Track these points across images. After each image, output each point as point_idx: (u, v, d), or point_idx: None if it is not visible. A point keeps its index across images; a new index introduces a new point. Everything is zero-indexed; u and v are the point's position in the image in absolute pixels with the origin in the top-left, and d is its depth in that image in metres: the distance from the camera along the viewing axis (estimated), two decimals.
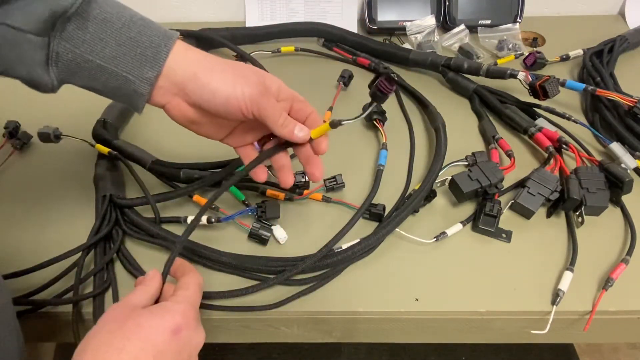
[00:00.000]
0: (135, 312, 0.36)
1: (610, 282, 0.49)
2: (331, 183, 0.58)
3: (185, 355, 0.37)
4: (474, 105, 0.71)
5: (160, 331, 0.36)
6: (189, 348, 0.37)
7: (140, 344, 0.35)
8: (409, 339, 0.54)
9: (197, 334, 0.39)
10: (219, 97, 0.41)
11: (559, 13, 0.93)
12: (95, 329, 0.36)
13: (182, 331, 0.37)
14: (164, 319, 0.36)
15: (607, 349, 1.13)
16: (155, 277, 0.41)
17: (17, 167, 0.63)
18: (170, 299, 0.39)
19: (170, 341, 0.36)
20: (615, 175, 0.56)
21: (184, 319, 0.37)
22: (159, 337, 0.35)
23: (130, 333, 0.35)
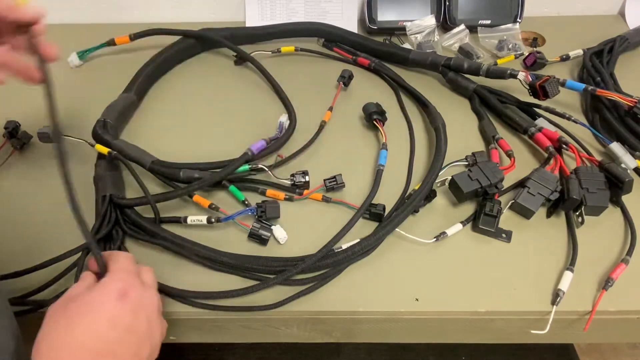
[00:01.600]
0: (74, 298, 0.37)
1: (610, 282, 0.49)
2: (331, 183, 0.58)
3: (143, 316, 0.37)
4: (474, 105, 0.71)
5: (105, 300, 0.36)
6: (144, 309, 0.38)
7: (90, 317, 0.35)
8: (409, 339, 0.54)
9: (147, 293, 0.39)
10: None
11: (559, 13, 0.93)
12: (41, 329, 0.36)
13: (128, 293, 0.37)
14: (105, 289, 0.37)
15: (607, 349, 1.13)
16: (87, 273, 0.41)
17: (17, 167, 0.63)
18: (106, 276, 0.39)
19: (121, 305, 0.36)
20: (615, 175, 0.56)
21: (125, 283, 0.37)
22: (107, 305, 0.36)
23: (75, 313, 0.35)
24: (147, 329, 0.38)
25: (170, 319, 0.49)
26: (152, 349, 0.38)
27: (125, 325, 0.36)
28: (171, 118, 0.70)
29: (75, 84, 0.76)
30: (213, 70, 0.79)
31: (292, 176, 0.58)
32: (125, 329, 0.36)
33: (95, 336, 0.34)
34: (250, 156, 0.59)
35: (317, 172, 0.59)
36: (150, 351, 0.38)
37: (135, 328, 0.36)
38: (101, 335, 0.35)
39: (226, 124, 0.69)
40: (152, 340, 0.38)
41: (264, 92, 0.75)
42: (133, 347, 0.36)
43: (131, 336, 0.36)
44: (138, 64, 0.74)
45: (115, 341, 0.35)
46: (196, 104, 0.73)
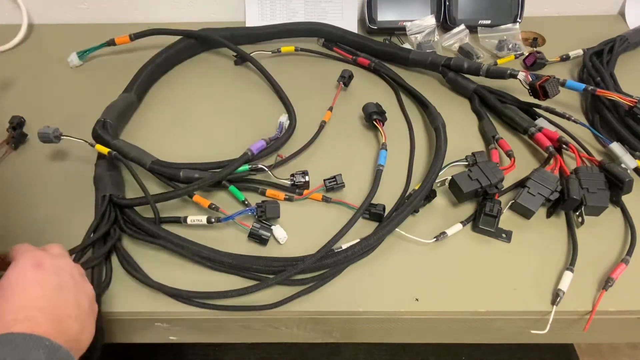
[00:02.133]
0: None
1: (610, 282, 0.49)
2: (331, 183, 0.58)
3: (65, 275, 0.39)
4: (474, 105, 0.71)
5: (24, 271, 0.38)
6: (64, 269, 0.40)
7: (19, 288, 0.37)
8: (409, 339, 0.54)
9: (61, 260, 0.41)
10: None
11: (559, 13, 0.93)
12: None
13: (42, 263, 0.39)
14: (19, 267, 0.38)
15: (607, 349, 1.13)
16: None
17: (16, 167, 0.63)
18: (14, 260, 0.40)
19: (40, 271, 0.38)
20: (615, 175, 0.56)
21: (34, 258, 0.39)
22: (28, 274, 0.38)
23: (3, 293, 0.36)
24: (75, 284, 0.40)
25: (170, 319, 0.50)
26: (90, 300, 0.41)
27: (53, 284, 0.38)
28: (171, 118, 0.70)
29: (75, 84, 0.76)
30: (213, 70, 0.79)
31: (292, 176, 0.58)
32: (54, 287, 0.38)
33: (32, 298, 0.37)
34: (250, 156, 0.59)
35: (317, 172, 0.59)
36: (89, 302, 0.41)
37: (64, 284, 0.39)
38: (38, 296, 0.37)
39: (226, 124, 0.69)
40: (86, 293, 0.41)
41: (264, 92, 0.75)
42: (71, 298, 0.39)
43: (63, 291, 0.38)
44: (138, 64, 0.74)
45: (52, 297, 0.38)
46: (196, 104, 0.73)
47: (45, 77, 0.76)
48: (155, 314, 0.49)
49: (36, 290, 0.37)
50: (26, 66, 0.78)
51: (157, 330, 0.51)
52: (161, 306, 0.49)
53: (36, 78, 0.76)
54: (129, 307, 0.49)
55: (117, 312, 0.49)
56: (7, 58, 0.80)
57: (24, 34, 0.84)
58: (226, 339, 0.53)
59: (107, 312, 0.48)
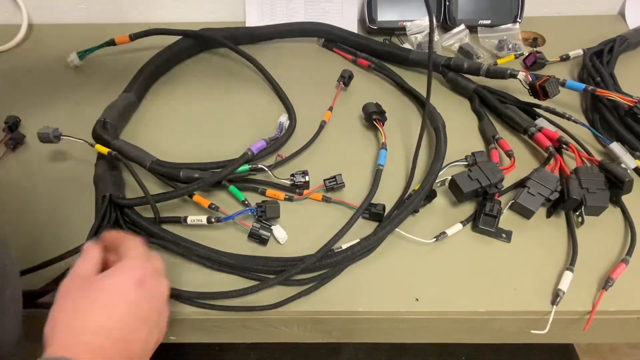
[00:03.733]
0: (91, 280, 0.37)
1: (610, 282, 0.49)
2: (331, 183, 0.58)
3: (156, 304, 0.38)
4: (474, 105, 0.71)
5: (125, 287, 0.36)
6: (157, 297, 0.38)
7: (111, 301, 0.35)
8: (409, 339, 0.54)
9: (160, 282, 0.40)
10: None
11: (559, 13, 0.93)
12: (56, 307, 0.36)
13: (146, 281, 0.37)
14: (125, 275, 0.37)
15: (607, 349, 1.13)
16: (92, 247, 0.40)
17: (15, 167, 0.63)
18: (122, 260, 0.39)
19: (139, 292, 0.37)
20: (615, 175, 0.56)
21: (143, 270, 0.38)
22: (126, 292, 0.36)
23: (96, 296, 0.35)
24: (157, 318, 0.38)
25: (170, 319, 0.49)
26: (159, 337, 0.39)
27: (141, 314, 0.36)
28: (171, 118, 0.70)
29: (75, 84, 0.76)
30: (213, 70, 0.79)
31: (292, 176, 0.58)
32: (141, 317, 0.36)
33: (114, 320, 0.35)
34: (250, 156, 0.59)
35: (317, 172, 0.59)
36: (157, 339, 0.39)
37: (149, 317, 0.37)
38: (120, 320, 0.35)
39: (226, 124, 0.69)
40: (159, 329, 0.39)
41: (264, 92, 0.75)
42: (144, 335, 0.37)
43: (144, 324, 0.37)
44: (138, 64, 0.74)
45: (131, 328, 0.36)
46: (196, 104, 0.73)
47: (45, 77, 0.76)
48: None
49: (123, 314, 0.35)
50: (26, 66, 0.78)
51: None
52: None
53: (36, 78, 0.76)
54: None
55: None
56: (7, 58, 0.80)
57: (24, 34, 0.84)
58: (226, 339, 0.53)
59: None
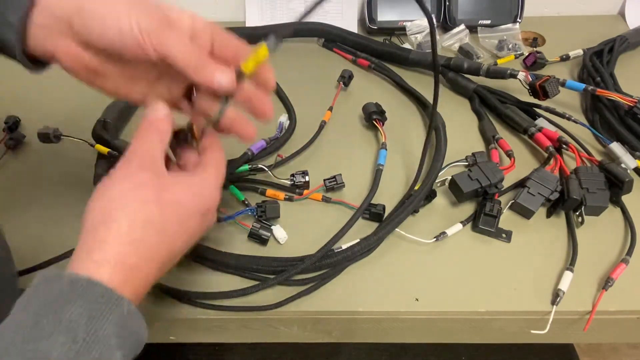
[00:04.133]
0: (166, 181, 0.33)
1: (610, 282, 0.49)
2: (331, 183, 0.58)
3: (203, 230, 0.36)
4: (474, 105, 0.71)
5: (194, 212, 0.34)
6: (207, 225, 0.36)
7: (177, 226, 0.32)
8: (409, 339, 0.54)
9: (215, 213, 0.37)
10: (110, 29, 0.33)
11: (559, 13, 0.93)
12: (119, 190, 0.32)
13: (209, 214, 0.35)
14: (199, 199, 0.34)
15: (607, 349, 1.13)
16: (167, 118, 0.36)
17: (15, 167, 0.63)
18: (205, 175, 0.35)
19: (200, 223, 0.35)
20: (615, 175, 0.56)
21: (213, 203, 0.35)
22: (193, 220, 0.34)
23: (168, 210, 0.32)
24: (195, 239, 0.36)
25: (170, 319, 0.50)
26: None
27: (190, 237, 0.34)
28: None
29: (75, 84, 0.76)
30: None
31: (292, 176, 0.58)
32: (185, 240, 0.34)
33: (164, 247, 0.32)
34: (250, 156, 0.59)
35: (317, 172, 0.59)
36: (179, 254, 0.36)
37: (189, 240, 0.35)
38: (170, 247, 0.33)
39: None
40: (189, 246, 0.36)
41: None
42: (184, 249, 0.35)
43: (189, 243, 0.35)
44: None
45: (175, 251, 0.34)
46: None
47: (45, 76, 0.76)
48: (155, 313, 0.49)
49: (174, 241, 0.32)
50: None
51: (157, 330, 0.51)
52: (161, 306, 0.49)
53: (36, 78, 0.76)
54: None
55: None
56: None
57: None
58: (226, 339, 0.53)
59: None
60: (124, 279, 0.29)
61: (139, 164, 0.33)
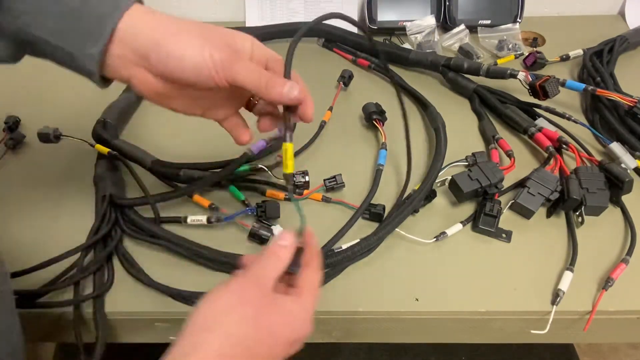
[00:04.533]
0: (268, 302, 0.34)
1: (610, 282, 0.49)
2: (331, 183, 0.58)
3: (290, 352, 0.36)
4: (474, 105, 0.71)
5: (283, 341, 0.34)
6: (289, 355, 0.36)
7: (265, 349, 0.33)
8: (409, 339, 0.54)
9: (302, 344, 0.37)
10: (187, 66, 0.36)
11: (559, 13, 0.93)
12: (226, 301, 0.33)
13: (297, 344, 0.35)
14: (291, 329, 0.34)
15: (607, 349, 1.13)
16: (289, 248, 0.37)
17: (15, 167, 0.63)
18: (300, 302, 0.35)
19: (285, 351, 0.34)
20: (615, 175, 0.56)
21: (303, 334, 0.35)
22: (280, 347, 0.34)
23: (261, 334, 0.33)
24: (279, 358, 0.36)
25: (170, 319, 0.50)
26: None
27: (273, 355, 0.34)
28: (171, 118, 0.70)
29: (75, 84, 0.76)
30: None
31: (292, 176, 0.58)
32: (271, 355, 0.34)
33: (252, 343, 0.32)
34: (250, 156, 0.59)
35: (317, 172, 0.59)
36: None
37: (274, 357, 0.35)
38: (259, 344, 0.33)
39: None
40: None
41: None
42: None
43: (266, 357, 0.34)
44: None
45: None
46: None
47: (45, 76, 0.76)
48: (155, 314, 0.49)
49: (266, 355, 0.33)
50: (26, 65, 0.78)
51: (157, 330, 0.51)
52: (161, 306, 0.49)
53: (36, 77, 0.76)
54: (130, 308, 0.49)
55: (118, 312, 0.49)
56: None
57: None
58: None
59: (108, 312, 0.48)
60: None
61: (254, 282, 0.34)
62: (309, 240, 0.38)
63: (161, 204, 0.56)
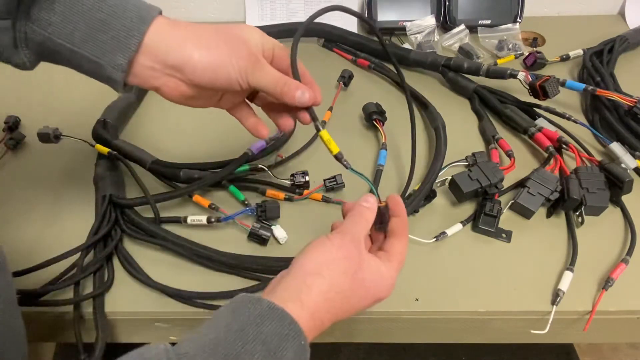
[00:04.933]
0: (366, 261, 0.37)
1: (610, 282, 0.49)
2: (331, 183, 0.58)
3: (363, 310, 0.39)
4: (474, 105, 0.71)
5: (371, 295, 0.38)
6: (370, 306, 0.39)
7: (356, 300, 0.37)
8: (409, 339, 0.54)
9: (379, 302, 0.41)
10: (220, 77, 0.40)
11: (559, 13, 0.93)
12: (334, 254, 0.36)
13: (379, 301, 0.39)
14: (379, 288, 0.38)
15: (607, 349, 1.13)
16: (372, 209, 0.41)
17: (15, 167, 0.63)
18: (389, 266, 0.39)
19: (369, 304, 0.38)
20: (615, 175, 0.56)
21: (386, 294, 0.39)
22: (367, 300, 0.38)
23: (356, 286, 0.36)
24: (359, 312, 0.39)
25: (170, 319, 0.50)
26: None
27: (356, 308, 0.38)
28: (171, 118, 0.70)
29: (75, 84, 0.76)
30: None
31: (292, 176, 0.58)
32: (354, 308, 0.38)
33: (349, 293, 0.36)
34: (250, 156, 0.59)
35: (317, 172, 0.59)
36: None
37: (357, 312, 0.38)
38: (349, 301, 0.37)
39: (226, 124, 0.69)
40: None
41: None
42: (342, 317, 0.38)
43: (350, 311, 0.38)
44: None
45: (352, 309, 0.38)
46: None
47: (45, 76, 0.76)
48: (155, 314, 0.49)
49: (349, 309, 0.37)
50: None
51: (157, 330, 0.51)
52: (161, 306, 0.49)
53: (36, 77, 0.76)
54: (130, 307, 0.49)
55: (118, 312, 0.49)
56: None
57: None
58: None
59: (108, 312, 0.48)
60: (308, 322, 0.34)
61: (351, 240, 0.38)
62: (399, 210, 0.41)
63: (161, 204, 0.56)
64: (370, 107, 0.66)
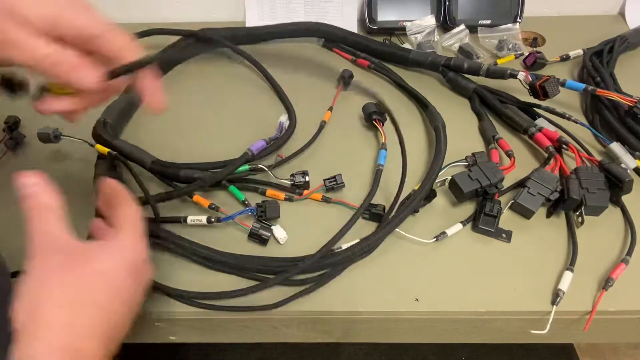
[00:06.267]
0: (81, 253, 0.32)
1: (610, 282, 0.49)
2: (331, 183, 0.58)
3: (141, 289, 0.36)
4: (474, 105, 0.71)
5: (123, 276, 0.33)
6: (143, 283, 0.36)
7: (109, 295, 0.32)
8: (409, 339, 0.54)
9: (149, 267, 0.37)
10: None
11: (559, 13, 0.93)
12: (40, 282, 0.31)
13: (140, 270, 0.35)
14: (122, 263, 0.33)
15: (607, 349, 1.13)
16: (41, 188, 0.35)
17: (15, 167, 0.63)
18: (120, 236, 0.35)
19: (133, 283, 0.34)
20: (615, 175, 0.56)
21: (140, 258, 0.35)
22: (124, 283, 0.33)
23: (92, 284, 0.31)
24: (138, 300, 0.36)
25: (170, 319, 0.50)
26: (133, 314, 0.36)
27: (128, 300, 0.34)
28: (171, 118, 0.70)
29: None
30: (213, 70, 0.79)
31: (292, 176, 0.58)
32: (126, 302, 0.34)
33: (103, 313, 0.32)
34: (250, 156, 0.59)
35: (317, 172, 0.59)
36: (132, 317, 0.36)
37: (132, 302, 0.35)
38: (108, 311, 0.32)
39: (226, 124, 0.69)
40: (136, 308, 0.36)
41: (264, 92, 0.75)
42: (123, 321, 0.34)
43: (127, 310, 0.34)
44: None
45: (115, 317, 0.33)
46: (196, 104, 0.73)
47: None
48: (155, 314, 0.49)
49: (113, 305, 0.32)
50: None
51: (157, 330, 0.51)
52: (161, 306, 0.49)
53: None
54: None
55: None
56: None
57: None
58: (226, 339, 0.53)
59: None
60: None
61: (42, 250, 0.32)
62: (107, 186, 0.38)
63: (161, 204, 0.56)
64: (370, 107, 0.66)
